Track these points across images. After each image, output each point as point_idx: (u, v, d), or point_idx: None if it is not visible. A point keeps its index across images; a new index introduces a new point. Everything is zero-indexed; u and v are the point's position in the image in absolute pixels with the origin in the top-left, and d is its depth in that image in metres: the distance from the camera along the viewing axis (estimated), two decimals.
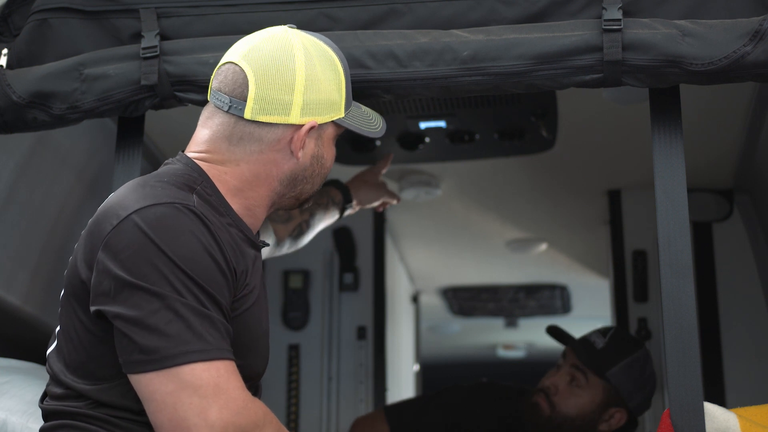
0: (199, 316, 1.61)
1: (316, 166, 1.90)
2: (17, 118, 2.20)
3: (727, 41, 1.96)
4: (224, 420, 1.56)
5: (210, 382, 1.58)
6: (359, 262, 4.40)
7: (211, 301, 1.64)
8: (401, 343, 5.31)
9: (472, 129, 3.67)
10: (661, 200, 2.01)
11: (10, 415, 2.16)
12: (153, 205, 1.69)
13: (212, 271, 1.65)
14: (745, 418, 2.00)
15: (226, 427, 1.56)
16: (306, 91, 1.84)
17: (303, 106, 1.84)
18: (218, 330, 1.63)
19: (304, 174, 1.89)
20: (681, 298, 1.96)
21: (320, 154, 1.89)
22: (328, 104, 1.88)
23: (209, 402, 1.57)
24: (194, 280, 1.63)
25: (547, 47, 2.01)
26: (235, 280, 1.72)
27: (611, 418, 3.01)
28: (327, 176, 1.95)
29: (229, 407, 1.58)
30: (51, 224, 2.92)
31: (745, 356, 3.81)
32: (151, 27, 2.17)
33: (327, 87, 1.87)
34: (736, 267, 3.88)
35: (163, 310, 1.60)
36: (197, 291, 1.62)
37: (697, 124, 3.19)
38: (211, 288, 1.64)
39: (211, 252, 1.67)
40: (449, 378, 4.37)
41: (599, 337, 3.05)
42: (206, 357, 1.59)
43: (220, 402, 1.57)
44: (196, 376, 1.58)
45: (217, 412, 1.56)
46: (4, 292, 2.68)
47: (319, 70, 1.87)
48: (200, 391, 1.57)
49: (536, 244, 5.11)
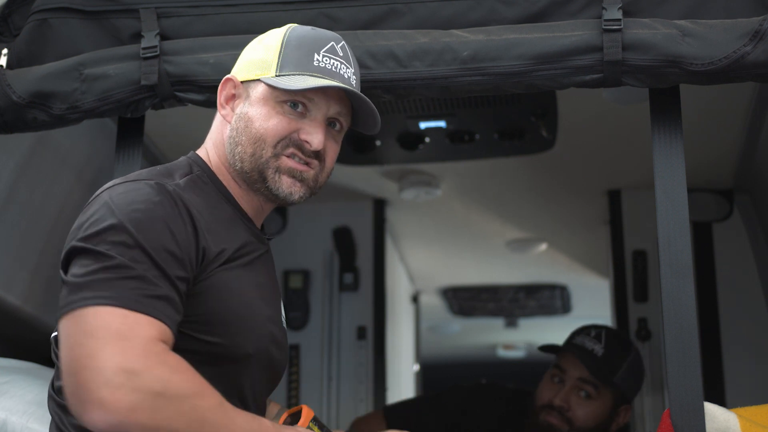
0: (129, 276, 1.58)
1: (240, 123, 1.86)
2: (17, 118, 2.20)
3: (727, 41, 1.96)
4: (115, 364, 1.48)
5: (111, 327, 1.52)
6: (359, 262, 4.40)
7: (152, 266, 1.61)
8: (401, 343, 5.31)
9: (472, 129, 3.67)
10: (661, 200, 2.01)
11: (10, 415, 2.16)
12: (124, 182, 1.74)
13: (163, 239, 1.64)
14: (745, 418, 2.00)
15: (116, 371, 1.48)
16: (242, 54, 1.93)
17: (236, 65, 1.93)
18: (146, 289, 1.59)
19: (233, 134, 1.87)
20: (681, 298, 1.96)
21: (244, 111, 1.86)
22: (255, 63, 1.88)
23: (103, 345, 1.50)
24: (139, 243, 1.61)
25: (547, 47, 2.01)
26: (199, 254, 1.70)
27: (618, 416, 3.03)
28: (263, 140, 1.84)
29: (124, 353, 1.49)
30: (51, 224, 2.92)
31: (745, 356, 3.80)
32: (151, 27, 2.17)
33: (258, 48, 1.90)
34: (736, 267, 3.88)
35: (97, 268, 1.59)
36: (139, 254, 1.61)
37: (697, 124, 3.19)
38: (157, 255, 1.62)
39: (168, 222, 1.67)
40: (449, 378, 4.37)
41: (594, 343, 3.02)
42: (114, 303, 1.54)
43: (116, 347, 1.50)
44: (99, 319, 1.53)
45: (108, 356, 1.49)
46: (4, 292, 2.68)
47: (262, 37, 1.92)
48: (97, 334, 1.51)
49: (536, 244, 5.11)
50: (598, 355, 2.99)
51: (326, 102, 1.86)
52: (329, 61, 1.86)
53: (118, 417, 1.47)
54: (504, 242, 5.10)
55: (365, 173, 4.06)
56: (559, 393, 3.00)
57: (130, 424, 1.47)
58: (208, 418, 1.53)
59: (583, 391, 2.98)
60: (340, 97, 1.87)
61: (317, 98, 1.85)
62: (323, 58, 1.86)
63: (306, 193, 1.89)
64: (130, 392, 1.47)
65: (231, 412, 1.57)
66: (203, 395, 1.54)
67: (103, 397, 1.47)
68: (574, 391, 2.99)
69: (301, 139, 1.84)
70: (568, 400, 2.99)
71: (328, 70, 1.85)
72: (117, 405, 1.47)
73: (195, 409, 1.52)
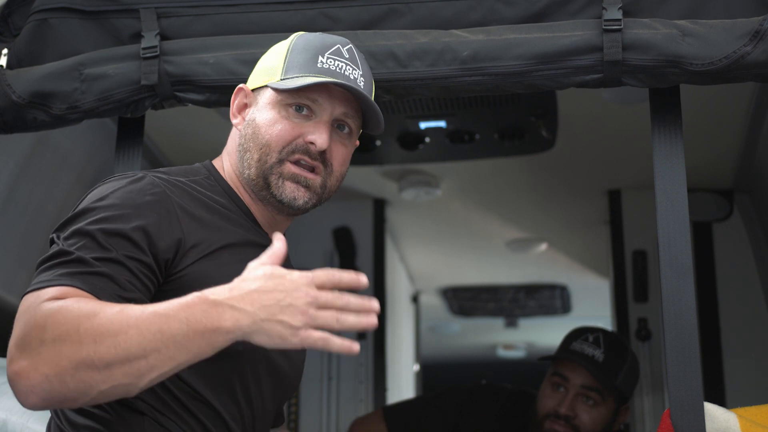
0: (66, 260, 1.59)
1: (248, 130, 1.86)
2: (17, 118, 2.20)
3: (727, 41, 1.96)
4: (15, 338, 1.50)
5: (23, 306, 1.54)
6: (359, 262, 4.40)
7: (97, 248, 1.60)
8: (401, 343, 5.31)
9: (472, 129, 3.67)
10: (661, 200, 2.01)
11: (10, 415, 2.16)
12: (115, 176, 1.76)
13: (117, 224, 1.63)
14: (745, 418, 2.00)
15: (16, 344, 1.50)
16: (257, 64, 1.94)
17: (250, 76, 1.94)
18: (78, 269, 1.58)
19: (242, 141, 1.87)
20: (681, 298, 1.96)
21: (252, 117, 1.87)
22: (263, 71, 1.89)
23: (14, 327, 1.53)
24: (89, 229, 1.61)
25: (547, 47, 2.01)
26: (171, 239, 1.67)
27: (620, 416, 3.04)
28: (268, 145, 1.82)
29: (20, 326, 1.51)
30: (51, 224, 2.92)
31: (745, 356, 3.80)
32: (151, 27, 2.17)
33: (268, 57, 1.91)
34: (736, 267, 3.88)
35: (46, 257, 1.61)
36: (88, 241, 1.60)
37: (697, 124, 3.19)
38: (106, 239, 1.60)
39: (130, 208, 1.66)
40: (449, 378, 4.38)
41: (594, 349, 3.01)
42: (40, 287, 1.55)
43: (19, 323, 1.52)
44: (23, 305, 1.55)
45: (14, 335, 1.51)
46: (4, 292, 2.68)
47: (276, 46, 1.92)
48: (18, 315, 1.55)
49: (536, 244, 5.11)
50: (599, 361, 2.98)
51: (330, 103, 1.84)
52: (333, 62, 1.84)
53: (27, 382, 1.48)
54: (504, 242, 5.10)
55: (365, 173, 4.06)
56: (564, 401, 2.97)
57: (40, 381, 1.47)
58: (109, 330, 1.47)
59: (588, 398, 2.97)
60: (345, 98, 1.85)
61: (321, 99, 1.83)
62: (327, 59, 1.84)
63: (312, 199, 1.86)
64: (26, 357, 1.48)
65: (135, 309, 1.49)
66: (93, 315, 1.48)
67: (11, 373, 1.49)
68: (578, 398, 2.97)
69: (306, 141, 1.82)
70: (574, 408, 2.97)
71: (331, 71, 1.83)
72: (21, 373, 1.48)
73: (86, 333, 1.47)
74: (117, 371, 1.46)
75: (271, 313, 1.47)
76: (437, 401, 3.33)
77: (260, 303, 1.47)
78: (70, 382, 1.47)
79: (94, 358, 1.46)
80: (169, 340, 1.46)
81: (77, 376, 1.46)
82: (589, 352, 3.00)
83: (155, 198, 1.70)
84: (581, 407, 2.97)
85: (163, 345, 1.46)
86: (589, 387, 2.97)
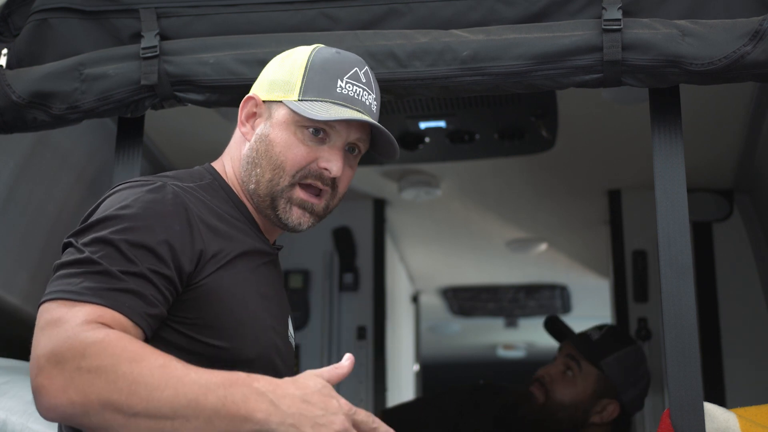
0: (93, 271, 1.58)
1: (260, 145, 1.85)
2: (17, 118, 2.20)
3: (727, 41, 1.96)
4: (46, 350, 1.50)
5: (54, 316, 1.53)
6: (359, 262, 4.40)
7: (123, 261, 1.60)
8: (401, 343, 5.31)
9: (472, 129, 3.67)
10: (661, 200, 2.01)
11: (10, 415, 2.16)
12: (130, 182, 1.75)
13: (143, 236, 1.63)
14: (745, 418, 2.00)
15: (46, 357, 1.49)
16: (265, 70, 1.92)
17: (258, 82, 1.92)
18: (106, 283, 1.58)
19: (252, 154, 1.86)
20: (681, 298, 1.96)
21: (265, 133, 1.85)
22: (278, 84, 1.86)
23: (44, 333, 1.52)
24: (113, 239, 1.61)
25: (547, 47, 2.01)
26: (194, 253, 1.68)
27: (604, 410, 3.02)
28: (282, 167, 1.83)
29: (51, 339, 1.51)
30: (51, 224, 2.92)
31: (745, 356, 3.80)
32: (151, 27, 2.17)
33: (283, 68, 1.88)
34: (736, 267, 3.88)
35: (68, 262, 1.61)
36: (111, 251, 1.60)
37: (697, 124, 3.19)
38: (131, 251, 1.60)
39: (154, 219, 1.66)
40: (449, 378, 4.38)
41: (595, 332, 3.11)
42: (64, 297, 1.55)
43: (50, 334, 1.51)
44: (49, 312, 1.54)
45: (42, 344, 1.51)
46: (4, 292, 2.68)
47: (286, 55, 1.90)
48: (41, 325, 1.54)
49: (536, 244, 5.11)
50: (592, 339, 3.08)
51: (347, 130, 1.85)
52: (352, 87, 1.85)
53: (52, 400, 1.48)
54: (504, 242, 5.10)
55: (365, 173, 4.06)
56: (547, 366, 3.10)
57: (65, 404, 1.48)
58: (147, 382, 1.47)
59: (567, 367, 3.06)
60: (360, 125, 1.86)
61: (339, 126, 1.84)
62: (346, 84, 1.85)
63: (314, 222, 1.90)
64: (58, 374, 1.48)
65: (178, 370, 1.49)
66: (135, 360, 1.49)
67: (38, 384, 1.49)
68: (559, 366, 3.07)
69: (320, 167, 1.84)
70: (551, 373, 3.07)
71: (350, 97, 1.84)
72: (50, 389, 1.48)
73: (125, 376, 1.47)
74: (141, 423, 1.47)
75: (303, 423, 1.48)
76: (437, 401, 3.33)
77: (298, 410, 1.48)
78: (93, 416, 1.48)
79: (123, 403, 1.47)
80: (201, 413, 1.46)
81: (102, 414, 1.47)
82: (589, 332, 3.12)
83: (177, 209, 1.69)
84: (559, 374, 3.06)
85: (194, 415, 1.47)
86: (571, 356, 3.07)
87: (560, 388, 3.03)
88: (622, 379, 3.03)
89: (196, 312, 1.69)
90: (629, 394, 3.05)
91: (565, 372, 3.05)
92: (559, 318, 3.28)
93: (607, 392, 3.02)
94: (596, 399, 3.02)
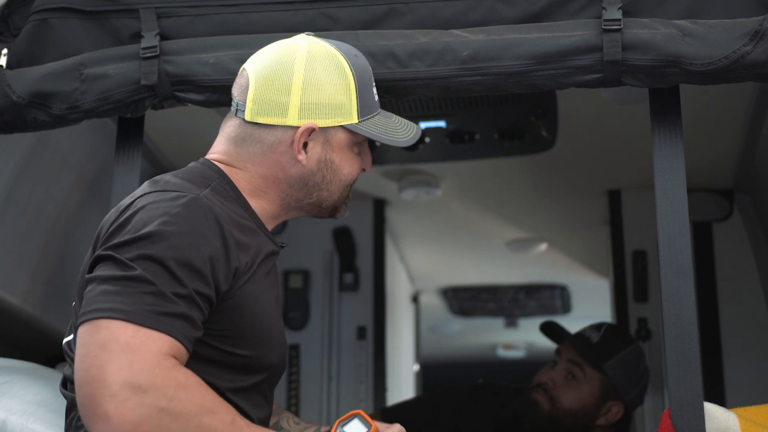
0: (147, 291, 1.58)
1: (326, 171, 1.88)
2: (17, 118, 2.20)
3: (727, 41, 1.96)
4: (122, 378, 1.49)
5: (121, 340, 1.52)
6: (359, 262, 4.40)
7: (173, 281, 1.60)
8: (401, 343, 5.31)
9: (472, 129, 3.67)
10: (661, 200, 2.01)
11: (10, 415, 2.16)
12: (157, 191, 1.74)
13: (189, 255, 1.63)
14: (745, 418, 2.00)
15: (123, 385, 1.48)
16: (304, 93, 1.84)
17: (301, 107, 1.84)
18: (163, 306, 1.58)
19: (314, 179, 1.88)
20: (681, 298, 1.96)
21: (329, 159, 1.88)
22: (332, 108, 1.85)
23: (112, 358, 1.50)
24: (163, 258, 1.60)
25: (547, 47, 2.01)
26: (230, 271, 1.69)
27: (608, 412, 3.03)
28: (349, 184, 1.94)
29: (132, 367, 1.50)
30: (51, 224, 2.92)
31: (745, 356, 3.81)
32: (151, 27, 2.17)
33: (329, 90, 1.85)
34: (736, 267, 3.88)
35: (119, 276, 1.59)
36: (160, 269, 1.60)
37: (697, 124, 3.19)
38: (180, 270, 1.61)
39: (197, 237, 1.66)
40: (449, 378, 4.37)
41: (593, 332, 3.08)
42: (128, 318, 1.54)
43: (124, 360, 1.50)
44: (111, 332, 1.53)
45: (116, 369, 1.49)
46: (4, 292, 2.68)
47: (321, 73, 1.85)
48: (108, 346, 1.52)
49: (536, 244, 5.11)
50: (592, 341, 3.05)
51: None
52: (376, 90, 1.96)
53: (119, 429, 1.48)
54: (504, 242, 5.10)
55: (365, 173, 4.05)
56: (549, 372, 3.08)
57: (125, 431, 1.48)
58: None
59: (571, 374, 3.04)
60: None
61: None
62: (374, 89, 1.95)
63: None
64: (136, 407, 1.48)
65: (245, 429, 1.58)
66: (212, 412, 1.55)
67: (108, 410, 1.48)
68: (562, 371, 3.05)
69: (362, 169, 1.98)
70: (554, 379, 3.05)
71: (378, 101, 1.96)
72: (122, 419, 1.48)
73: (201, 427, 1.52)
74: None
75: None
76: (437, 401, 3.33)
77: None
78: None
79: None
80: None
81: None
82: (588, 333, 3.09)
83: (214, 225, 1.70)
84: (561, 380, 3.04)
85: None
86: (573, 361, 3.04)
87: (565, 395, 3.02)
88: (625, 380, 3.03)
89: (226, 324, 1.71)
90: (631, 393, 3.06)
91: (568, 377, 3.04)
92: (555, 323, 3.25)
93: (611, 394, 3.02)
94: (601, 402, 3.02)
